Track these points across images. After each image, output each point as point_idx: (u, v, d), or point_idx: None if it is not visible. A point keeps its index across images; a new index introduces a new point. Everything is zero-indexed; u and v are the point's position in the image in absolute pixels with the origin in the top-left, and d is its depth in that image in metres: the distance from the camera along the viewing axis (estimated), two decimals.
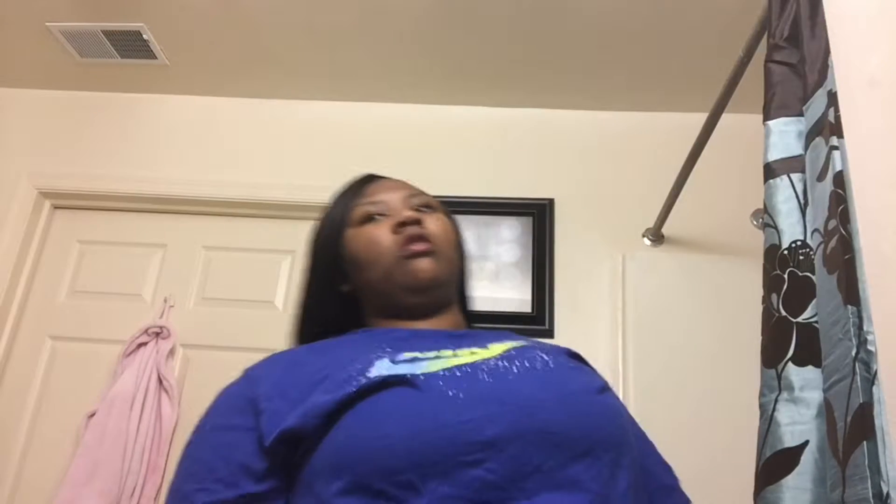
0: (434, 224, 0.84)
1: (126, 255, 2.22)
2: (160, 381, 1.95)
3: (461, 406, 0.62)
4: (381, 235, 0.82)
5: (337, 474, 0.59)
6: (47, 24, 2.08)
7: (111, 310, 2.13)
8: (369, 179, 0.92)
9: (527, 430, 0.61)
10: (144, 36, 2.10)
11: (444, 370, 0.67)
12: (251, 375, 0.72)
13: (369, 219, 0.85)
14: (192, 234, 2.23)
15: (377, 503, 0.57)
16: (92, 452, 1.84)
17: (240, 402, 0.68)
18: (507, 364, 0.70)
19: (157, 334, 2.04)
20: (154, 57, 2.19)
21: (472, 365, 0.69)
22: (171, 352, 2.03)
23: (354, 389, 0.63)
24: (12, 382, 2.07)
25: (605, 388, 0.75)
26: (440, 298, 0.84)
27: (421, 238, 0.81)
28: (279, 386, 0.68)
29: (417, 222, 0.82)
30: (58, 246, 2.25)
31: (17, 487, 1.95)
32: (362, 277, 0.84)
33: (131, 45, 2.15)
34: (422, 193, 0.90)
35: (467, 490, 0.57)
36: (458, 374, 0.67)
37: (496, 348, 0.75)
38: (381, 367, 0.66)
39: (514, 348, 0.75)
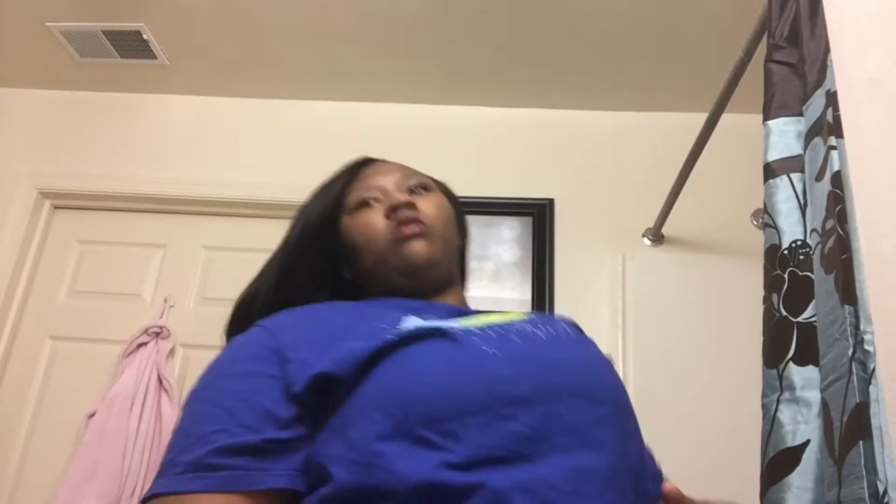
0: (427, 204, 0.83)
1: (126, 255, 2.22)
2: (160, 381, 1.95)
3: (498, 362, 0.64)
4: (375, 220, 0.82)
5: (377, 420, 0.59)
6: (47, 24, 2.08)
7: (111, 310, 2.13)
8: (364, 163, 0.91)
9: (558, 390, 0.64)
10: (144, 36, 2.10)
11: (477, 328, 0.69)
12: (269, 327, 0.69)
13: (364, 204, 0.84)
14: (192, 234, 2.23)
15: (418, 449, 0.58)
16: (92, 452, 1.84)
17: (261, 351, 0.66)
18: (533, 328, 0.72)
19: (157, 334, 2.04)
20: (154, 57, 2.19)
21: (503, 326, 0.71)
22: (171, 352, 2.03)
23: (394, 337, 0.64)
24: (12, 382, 2.07)
25: (612, 361, 0.79)
26: (438, 279, 0.83)
27: (413, 220, 0.80)
28: (305, 337, 0.67)
29: (409, 205, 0.81)
30: (58, 246, 2.25)
31: (17, 487, 1.95)
32: (360, 263, 0.83)
33: (131, 45, 2.15)
34: (417, 174, 0.89)
35: (505, 441, 0.59)
36: (492, 333, 0.69)
37: (515, 314, 0.76)
38: (414, 322, 0.67)
39: (534, 315, 0.78)
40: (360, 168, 0.89)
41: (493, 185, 2.18)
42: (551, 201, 2.16)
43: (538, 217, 2.14)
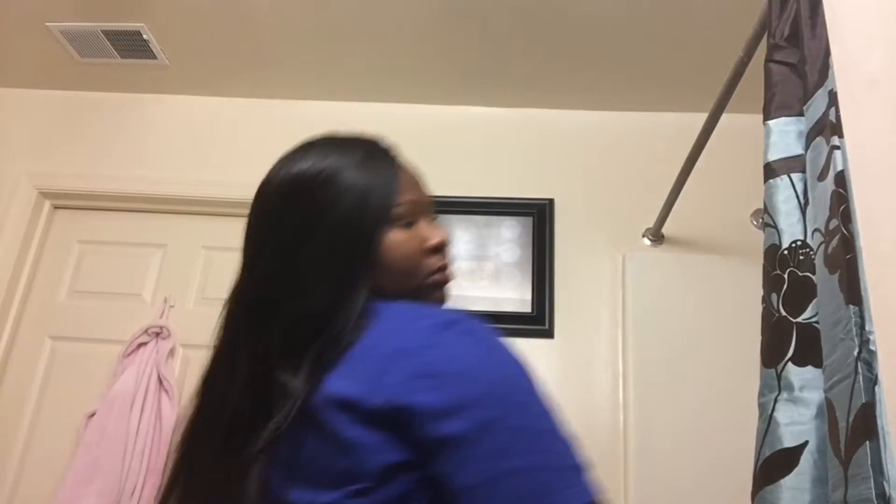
0: (447, 246, 0.83)
1: (126, 255, 2.22)
2: (160, 381, 1.95)
3: None
4: (416, 249, 0.78)
5: None
6: (47, 24, 2.08)
7: (111, 310, 2.13)
8: (395, 162, 0.82)
9: None
10: (144, 36, 2.10)
11: None
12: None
13: (406, 223, 0.78)
14: (192, 234, 2.23)
15: None
16: (92, 452, 1.84)
17: None
18: None
19: (157, 334, 2.04)
20: (154, 57, 2.19)
21: None
22: (171, 352, 2.03)
23: None
24: (12, 382, 2.07)
25: None
26: None
27: (450, 266, 0.82)
28: None
29: (446, 246, 0.81)
30: (58, 246, 2.25)
31: (17, 487, 1.95)
32: (384, 282, 0.75)
33: (131, 45, 2.15)
34: (431, 197, 0.86)
35: None
36: None
37: None
38: None
39: None
40: (397, 170, 0.81)
41: (493, 185, 2.18)
42: (551, 201, 2.16)
43: (538, 217, 2.14)
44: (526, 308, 2.02)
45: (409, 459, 0.62)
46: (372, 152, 0.81)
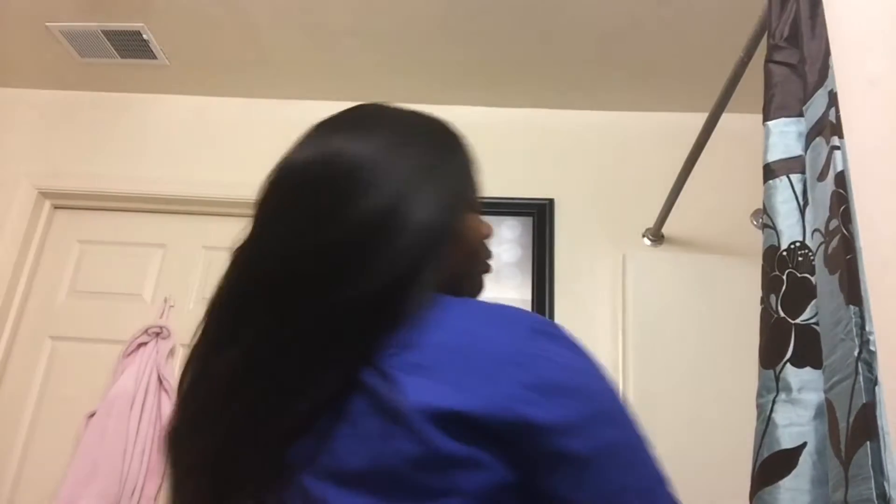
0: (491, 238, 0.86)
1: (126, 255, 2.22)
2: (160, 382, 1.95)
3: None
4: (480, 236, 0.81)
5: None
6: (47, 24, 2.08)
7: (111, 310, 2.13)
8: (467, 146, 0.82)
9: None
10: (144, 36, 2.10)
11: None
12: None
13: (472, 208, 0.80)
14: (192, 234, 2.23)
15: None
16: (92, 452, 1.84)
17: None
18: None
19: (157, 334, 2.04)
20: (154, 57, 2.19)
21: None
22: (172, 352, 2.03)
23: None
24: (12, 382, 2.07)
25: None
26: None
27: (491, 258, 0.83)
28: None
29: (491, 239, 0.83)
30: (58, 246, 2.25)
31: (17, 487, 1.95)
32: (451, 265, 0.70)
33: (131, 45, 2.15)
34: None
35: None
36: None
37: None
38: None
39: None
40: (470, 154, 0.82)
41: (493, 185, 2.16)
42: (551, 201, 2.16)
43: (538, 217, 2.14)
44: (526, 308, 2.02)
45: (513, 480, 0.58)
46: (448, 133, 0.81)
